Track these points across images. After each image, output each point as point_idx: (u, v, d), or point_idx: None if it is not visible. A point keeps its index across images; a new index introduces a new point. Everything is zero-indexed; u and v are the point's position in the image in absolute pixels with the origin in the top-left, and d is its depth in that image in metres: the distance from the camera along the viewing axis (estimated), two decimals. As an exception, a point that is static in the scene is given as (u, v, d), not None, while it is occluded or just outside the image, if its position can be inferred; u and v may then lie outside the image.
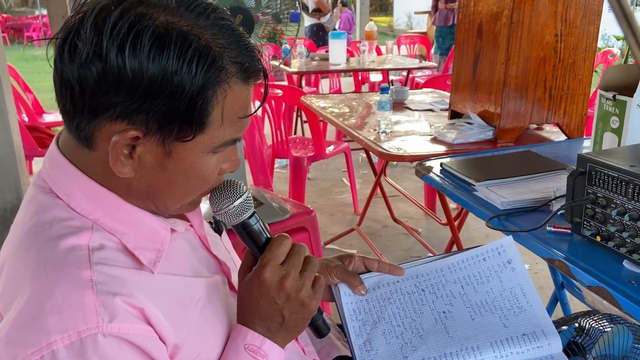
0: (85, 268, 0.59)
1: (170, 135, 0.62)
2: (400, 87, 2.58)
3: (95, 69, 0.57)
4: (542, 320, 0.96)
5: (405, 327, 0.97)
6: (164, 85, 0.58)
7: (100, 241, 0.63)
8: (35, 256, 0.61)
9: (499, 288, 1.01)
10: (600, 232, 1.02)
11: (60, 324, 0.56)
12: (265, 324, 0.73)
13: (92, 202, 0.65)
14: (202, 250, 0.79)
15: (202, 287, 0.73)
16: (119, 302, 0.59)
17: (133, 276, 0.63)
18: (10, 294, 0.61)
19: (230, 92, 0.63)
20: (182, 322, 0.66)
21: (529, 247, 1.11)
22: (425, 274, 1.05)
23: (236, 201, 0.72)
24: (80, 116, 0.60)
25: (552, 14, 1.75)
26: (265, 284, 0.71)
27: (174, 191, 0.67)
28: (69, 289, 0.58)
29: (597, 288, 0.94)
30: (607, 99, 1.34)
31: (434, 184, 1.48)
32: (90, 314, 0.57)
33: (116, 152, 0.61)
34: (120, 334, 0.58)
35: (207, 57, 0.60)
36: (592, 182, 1.02)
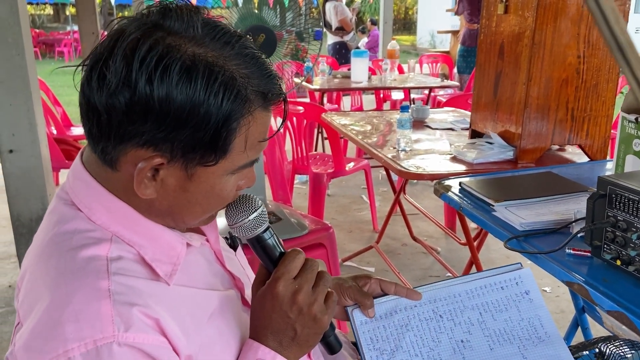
0: (103, 278, 0.61)
1: (194, 160, 0.64)
2: (421, 105, 2.59)
3: (124, 98, 0.59)
4: (561, 352, 0.95)
5: (424, 357, 0.96)
6: (190, 116, 0.60)
7: (119, 252, 0.65)
8: (56, 265, 0.63)
9: (517, 317, 1.00)
10: (620, 256, 1.01)
11: (78, 332, 0.57)
12: (277, 338, 0.73)
13: (112, 215, 0.67)
14: (216, 265, 0.81)
15: (216, 300, 0.74)
16: (135, 313, 0.60)
17: (149, 287, 0.64)
18: (31, 302, 0.63)
19: (253, 121, 0.65)
20: (196, 334, 0.67)
21: (547, 270, 1.09)
22: (443, 299, 1.04)
23: (251, 215, 0.74)
24: (107, 141, 0.62)
25: (575, 35, 1.75)
26: (278, 297, 0.72)
27: (193, 210, 0.69)
28: (86, 298, 0.59)
29: (617, 313, 0.93)
30: (630, 122, 1.33)
31: (453, 204, 1.48)
32: (107, 323, 0.58)
33: (141, 177, 0.63)
34: (135, 344, 0.59)
35: (233, 89, 0.62)
36: (613, 205, 1.01)
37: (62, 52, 16.22)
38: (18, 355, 0.60)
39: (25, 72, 2.32)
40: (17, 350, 0.60)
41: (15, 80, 2.31)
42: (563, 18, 1.72)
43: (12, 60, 2.29)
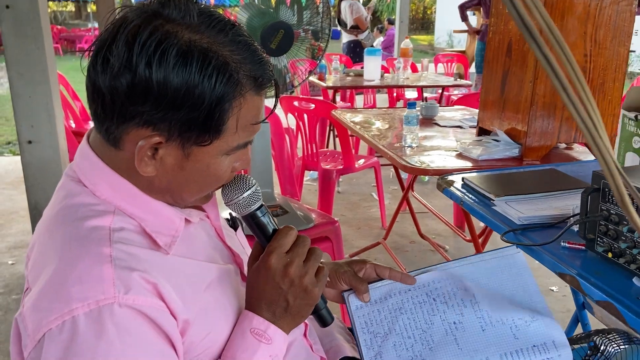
0: (105, 245, 0.66)
1: (190, 140, 0.68)
2: (430, 103, 2.61)
3: (125, 80, 0.64)
4: (553, 331, 0.97)
5: (416, 339, 0.98)
6: (186, 97, 0.64)
7: (121, 224, 0.70)
8: (62, 234, 0.68)
9: (511, 297, 1.02)
10: (612, 249, 1.03)
11: (81, 293, 0.62)
12: (271, 309, 0.77)
13: (115, 191, 0.71)
14: (217, 240, 0.85)
15: (215, 272, 0.78)
16: (135, 277, 0.65)
17: (149, 255, 0.69)
18: (39, 267, 0.68)
19: (245, 103, 0.69)
20: (193, 301, 0.72)
21: (542, 262, 1.12)
22: (437, 281, 1.07)
23: (245, 193, 0.78)
24: (110, 121, 0.67)
25: (582, 34, 1.76)
26: (271, 270, 0.76)
27: (190, 187, 0.73)
28: (90, 263, 0.64)
29: (605, 303, 0.95)
30: (630, 119, 1.35)
31: (454, 198, 1.50)
32: (108, 286, 0.63)
33: (141, 155, 0.68)
34: (134, 305, 0.63)
35: (225, 72, 0.66)
36: (606, 199, 1.03)
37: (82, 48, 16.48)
38: (26, 315, 0.65)
39: (45, 65, 2.39)
40: (26, 311, 0.65)
41: (34, 73, 2.38)
42: (570, 17, 1.73)
43: (31, 54, 2.36)
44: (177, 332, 0.69)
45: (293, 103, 3.15)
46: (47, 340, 0.62)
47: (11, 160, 5.29)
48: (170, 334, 0.68)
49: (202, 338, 0.74)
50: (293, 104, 3.15)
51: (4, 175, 4.67)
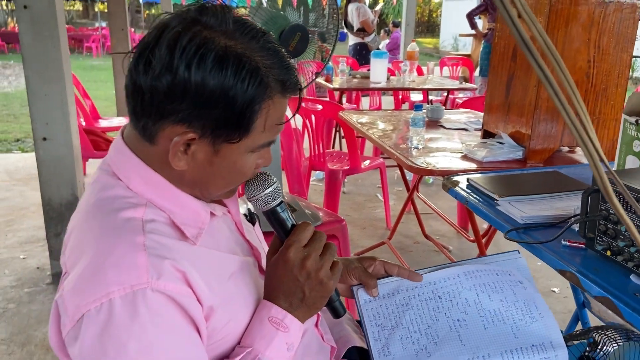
0: (139, 235, 0.71)
1: (220, 137, 0.73)
2: (436, 106, 2.65)
3: (166, 81, 0.69)
4: (551, 333, 1.02)
5: (421, 334, 1.03)
6: (221, 98, 0.70)
7: (152, 216, 0.75)
8: (99, 224, 0.73)
9: (512, 298, 1.07)
10: (611, 247, 1.07)
11: (118, 277, 0.68)
12: (288, 299, 0.82)
13: (147, 185, 0.77)
14: (237, 234, 0.90)
15: (236, 263, 0.84)
16: (166, 265, 0.70)
17: (178, 245, 0.74)
18: (77, 254, 0.73)
19: (272, 105, 0.74)
20: (217, 289, 0.77)
21: (543, 259, 1.16)
22: (443, 280, 1.12)
23: (267, 190, 0.83)
24: (148, 118, 0.72)
25: (585, 40, 1.80)
26: (289, 262, 0.81)
27: (217, 182, 0.79)
28: (125, 251, 0.69)
29: (603, 298, 1.00)
30: (631, 124, 1.39)
31: (459, 198, 1.55)
32: (143, 272, 0.68)
33: (175, 150, 0.73)
34: (165, 291, 0.69)
35: (257, 76, 0.71)
36: (605, 200, 1.08)
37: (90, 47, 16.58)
38: (66, 297, 0.70)
39: (60, 64, 2.45)
40: (65, 294, 0.70)
41: (50, 71, 2.44)
42: (574, 24, 1.78)
43: (48, 53, 2.42)
44: (202, 318, 0.74)
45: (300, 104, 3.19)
46: (86, 320, 0.67)
47: (20, 157, 5.36)
48: (196, 319, 0.73)
49: (224, 325, 0.79)
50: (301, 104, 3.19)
51: (14, 172, 4.74)
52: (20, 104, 8.57)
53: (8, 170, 4.80)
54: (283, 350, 0.81)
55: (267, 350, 0.79)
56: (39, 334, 2.34)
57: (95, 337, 0.67)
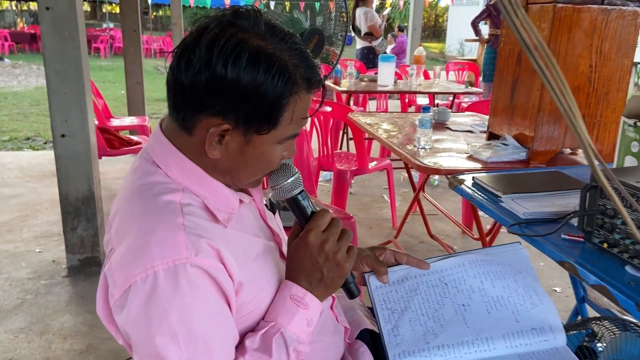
0: (178, 216, 0.79)
1: (252, 129, 0.81)
2: (443, 108, 2.73)
3: (205, 77, 0.77)
4: (550, 317, 1.09)
5: (429, 317, 1.11)
6: (253, 93, 0.77)
7: (188, 200, 0.83)
8: (142, 206, 0.81)
9: (514, 285, 1.14)
10: (607, 240, 1.14)
11: (161, 252, 0.75)
12: (308, 279, 0.90)
13: (184, 172, 0.85)
14: (260, 221, 0.98)
15: (260, 246, 0.91)
16: (203, 243, 0.78)
17: (212, 227, 0.82)
18: (122, 232, 0.81)
19: (299, 100, 0.82)
20: (245, 267, 0.85)
21: (544, 251, 1.23)
22: (449, 268, 1.19)
23: (290, 179, 0.91)
24: (187, 110, 0.80)
25: (588, 46, 1.88)
26: (309, 245, 0.89)
27: (247, 170, 0.87)
28: (167, 229, 0.77)
29: (599, 287, 1.06)
30: (630, 126, 1.46)
31: (465, 195, 1.62)
32: (183, 248, 0.76)
33: (211, 139, 0.81)
34: (202, 266, 0.77)
35: (286, 74, 0.79)
36: (603, 195, 1.15)
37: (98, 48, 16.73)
38: (114, 270, 0.78)
39: (80, 64, 2.53)
40: (114, 267, 0.78)
41: (69, 71, 2.53)
42: (577, 30, 1.85)
43: (68, 53, 2.51)
44: (233, 292, 0.82)
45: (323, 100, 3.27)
46: (133, 290, 0.75)
47: (32, 155, 5.46)
48: (228, 293, 0.81)
49: (250, 300, 0.87)
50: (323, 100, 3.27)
51: (27, 169, 4.83)
52: (30, 103, 8.70)
53: (21, 167, 4.90)
54: (303, 325, 0.89)
55: (289, 324, 0.87)
56: (57, 324, 2.42)
57: (141, 305, 0.75)
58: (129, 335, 0.78)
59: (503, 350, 1.05)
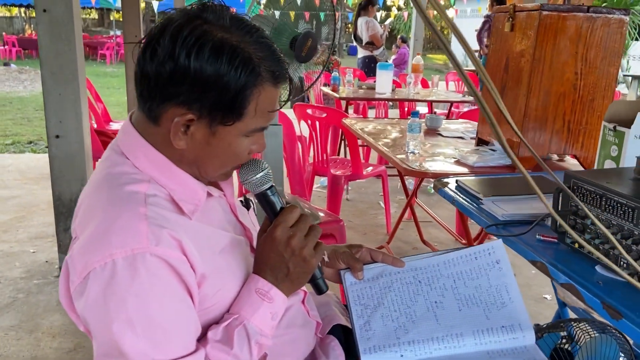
0: (142, 206, 0.80)
1: (216, 120, 0.83)
2: (435, 115, 2.75)
3: (169, 67, 0.79)
4: (520, 316, 1.10)
5: (401, 313, 1.12)
6: (216, 83, 0.79)
7: (154, 191, 0.84)
8: (107, 195, 0.83)
9: (487, 285, 1.15)
10: (579, 240, 1.15)
11: (121, 241, 0.77)
12: (274, 273, 0.91)
13: (151, 163, 0.86)
14: (231, 215, 1.00)
15: (227, 239, 0.93)
16: (164, 233, 0.79)
17: (175, 218, 0.84)
18: (86, 220, 0.83)
19: (263, 92, 0.84)
20: (209, 259, 0.86)
21: (518, 251, 1.24)
22: (424, 268, 1.21)
23: (258, 174, 0.92)
24: (153, 100, 0.82)
25: (573, 53, 1.90)
26: (276, 240, 0.90)
27: (214, 162, 0.88)
28: (129, 219, 0.79)
29: (568, 285, 1.07)
30: (609, 130, 1.48)
31: (447, 197, 1.63)
32: (143, 238, 0.77)
33: (176, 129, 0.82)
34: (162, 256, 0.78)
35: (249, 65, 0.81)
36: (575, 195, 1.16)
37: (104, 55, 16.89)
38: (75, 258, 0.79)
39: (75, 65, 2.57)
40: (74, 254, 0.80)
41: (65, 72, 2.56)
42: (562, 37, 1.87)
43: (64, 55, 2.55)
44: (195, 284, 0.83)
45: (306, 111, 3.30)
46: (92, 277, 0.77)
47: (32, 157, 5.51)
48: (189, 284, 0.82)
49: (214, 293, 0.88)
50: (306, 111, 3.30)
51: (26, 172, 4.88)
52: (34, 107, 8.77)
53: (20, 169, 4.94)
54: (267, 318, 0.90)
55: (252, 317, 0.88)
56: (46, 322, 2.44)
57: (99, 292, 0.76)
58: (88, 321, 0.80)
59: (472, 347, 1.06)
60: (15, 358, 2.21)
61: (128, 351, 0.76)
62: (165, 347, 0.78)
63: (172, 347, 0.79)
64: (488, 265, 1.17)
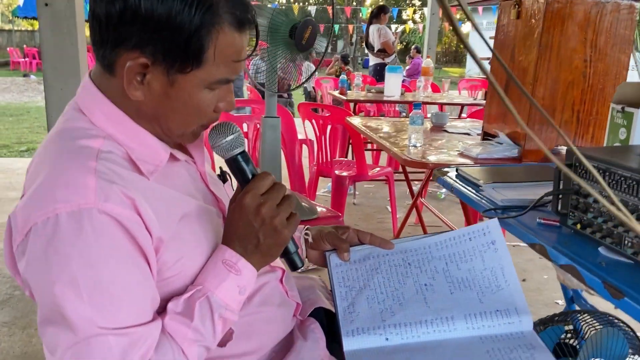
0: (92, 160, 0.74)
1: (173, 67, 0.76)
2: (441, 112, 2.67)
3: (118, 6, 0.73)
4: (517, 299, 1.01)
5: (388, 295, 1.04)
6: (168, 22, 0.73)
7: (110, 148, 0.78)
8: (56, 149, 0.77)
9: (481, 267, 1.07)
10: (581, 221, 1.07)
11: (66, 196, 0.71)
12: (243, 244, 0.84)
13: (109, 119, 0.80)
14: (200, 184, 0.93)
15: (193, 206, 0.86)
16: (115, 189, 0.73)
17: (131, 176, 0.77)
18: (34, 176, 0.77)
19: (223, 35, 0.77)
20: (168, 224, 0.79)
21: (515, 234, 1.16)
22: (414, 250, 1.13)
23: (228, 137, 0.85)
24: (105, 46, 0.76)
25: (582, 40, 1.81)
26: (244, 207, 0.83)
27: (175, 117, 0.81)
28: (76, 173, 0.73)
29: (569, 267, 0.99)
30: (618, 112, 1.39)
31: (446, 185, 1.56)
32: (91, 193, 0.71)
33: (130, 77, 0.76)
34: (111, 213, 0.71)
35: (205, 4, 0.74)
36: (577, 173, 1.08)
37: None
38: (17, 214, 0.73)
39: (77, 60, 2.55)
40: (17, 210, 0.74)
41: (67, 67, 2.55)
42: (570, 23, 1.79)
43: (65, 49, 2.53)
44: (151, 248, 0.76)
45: (310, 110, 3.25)
46: (33, 233, 0.71)
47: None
48: (144, 248, 0.75)
49: (175, 261, 0.81)
50: (310, 110, 3.25)
51: (35, 174, 4.89)
52: (51, 115, 8.88)
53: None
54: (234, 292, 0.82)
55: (217, 289, 0.81)
56: (40, 318, 2.39)
57: (40, 250, 0.70)
58: (30, 283, 0.74)
59: (464, 332, 0.97)
60: (7, 354, 2.16)
61: (71, 316, 0.69)
62: (113, 314, 0.71)
63: (122, 315, 0.72)
64: (483, 246, 1.09)
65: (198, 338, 0.78)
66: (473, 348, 0.93)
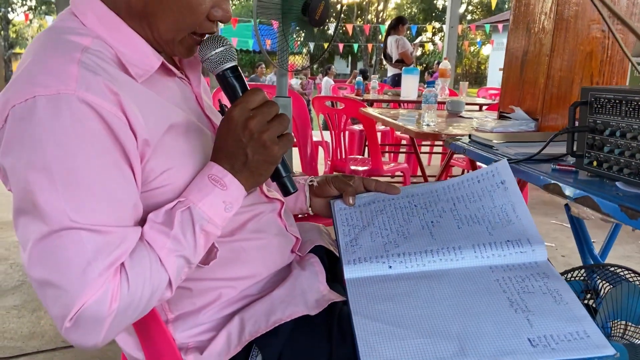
0: (77, 52, 0.72)
1: None
2: (457, 98, 2.63)
3: None
4: (529, 231, 0.95)
5: (392, 231, 0.99)
6: None
7: (99, 48, 0.76)
8: (43, 42, 0.76)
9: (490, 205, 1.02)
10: (597, 158, 1.01)
11: (46, 81, 0.68)
12: (230, 161, 0.79)
13: (100, 21, 0.78)
14: (194, 103, 0.90)
15: (181, 118, 0.82)
16: (99, 80, 0.70)
17: (118, 74, 0.75)
18: (19, 66, 0.75)
19: None
20: (155, 128, 0.76)
21: (528, 179, 1.11)
22: (421, 194, 1.09)
23: (217, 49, 0.82)
24: None
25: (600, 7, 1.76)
26: (232, 120, 0.78)
27: (166, 17, 0.78)
28: (59, 61, 0.71)
29: (583, 198, 0.93)
30: (638, 64, 1.33)
31: (457, 149, 1.51)
32: (72, 81, 0.69)
33: None
34: (91, 103, 0.69)
35: None
36: (593, 111, 1.03)
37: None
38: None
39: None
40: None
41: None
42: (587, -9, 1.74)
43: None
44: (136, 152, 0.73)
45: (325, 103, 3.23)
46: (10, 117, 0.68)
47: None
48: (127, 149, 0.72)
49: (162, 171, 0.77)
50: (325, 104, 3.23)
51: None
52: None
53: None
54: (218, 207, 0.78)
55: (200, 202, 0.77)
56: (49, 301, 2.38)
57: (15, 132, 0.68)
58: (6, 171, 0.71)
59: (472, 261, 0.91)
60: (14, 333, 2.15)
61: (42, 205, 0.66)
62: (90, 210, 0.68)
63: (98, 213, 0.69)
64: (492, 186, 1.04)
65: (177, 248, 0.74)
66: (481, 277, 0.88)
